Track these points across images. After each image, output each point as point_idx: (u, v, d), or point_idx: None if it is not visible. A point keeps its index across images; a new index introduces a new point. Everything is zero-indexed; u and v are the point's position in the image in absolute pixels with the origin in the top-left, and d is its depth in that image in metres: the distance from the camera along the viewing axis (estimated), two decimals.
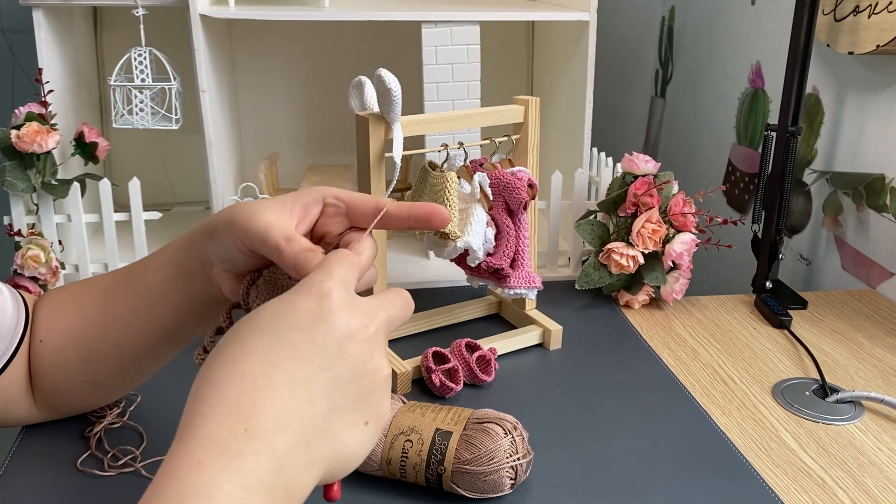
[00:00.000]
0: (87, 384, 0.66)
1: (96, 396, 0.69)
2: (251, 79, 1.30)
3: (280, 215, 0.51)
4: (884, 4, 0.94)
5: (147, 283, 0.61)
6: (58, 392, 0.67)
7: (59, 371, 0.65)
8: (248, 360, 0.41)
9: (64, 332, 0.64)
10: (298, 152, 1.35)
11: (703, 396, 0.79)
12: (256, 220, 0.51)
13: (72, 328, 0.64)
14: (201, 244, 0.56)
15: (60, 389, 0.66)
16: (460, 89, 1.06)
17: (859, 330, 0.94)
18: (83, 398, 0.68)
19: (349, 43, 1.31)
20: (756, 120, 1.33)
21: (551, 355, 0.87)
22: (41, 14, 0.99)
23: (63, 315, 0.65)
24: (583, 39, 1.07)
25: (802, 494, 0.65)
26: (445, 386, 0.77)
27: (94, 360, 0.64)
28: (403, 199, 1.18)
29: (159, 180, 1.31)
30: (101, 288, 0.65)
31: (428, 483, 0.62)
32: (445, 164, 0.82)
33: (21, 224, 0.97)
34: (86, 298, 0.65)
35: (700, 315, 0.97)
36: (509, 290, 0.82)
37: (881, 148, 1.04)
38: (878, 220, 1.04)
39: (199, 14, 0.98)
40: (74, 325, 0.64)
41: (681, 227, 0.95)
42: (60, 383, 0.66)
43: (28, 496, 0.62)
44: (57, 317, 0.65)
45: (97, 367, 0.64)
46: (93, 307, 0.64)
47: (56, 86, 1.02)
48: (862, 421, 0.75)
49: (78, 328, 0.64)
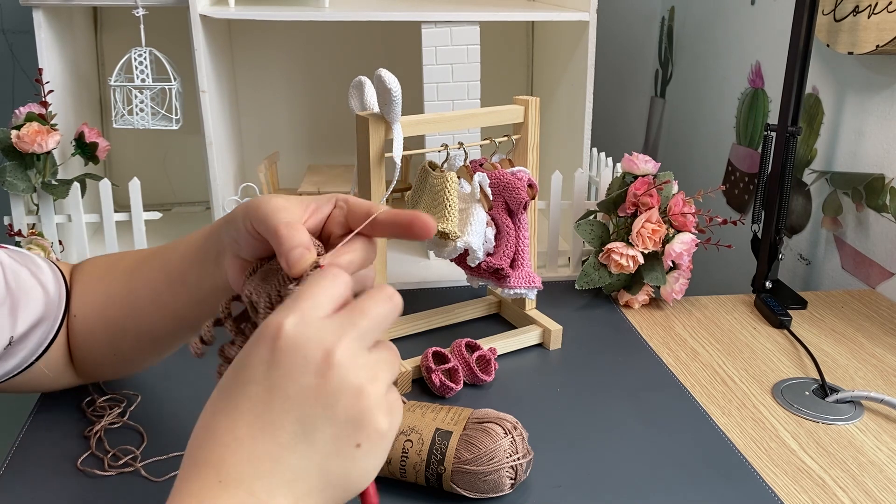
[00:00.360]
0: (115, 357, 0.69)
1: (125, 368, 0.73)
2: (251, 79, 1.30)
3: (294, 206, 0.53)
4: (883, 4, 0.94)
5: (169, 265, 0.63)
6: (90, 362, 0.70)
7: (90, 344, 0.68)
8: (214, 420, 0.43)
9: (94, 308, 0.67)
10: (298, 152, 1.35)
11: (703, 396, 0.79)
12: (270, 203, 0.52)
13: (101, 304, 0.67)
14: (221, 228, 0.58)
15: (93, 361, 0.70)
16: (460, 89, 1.06)
17: (859, 330, 0.94)
18: (113, 368, 0.72)
19: (349, 43, 1.31)
20: (756, 120, 1.33)
21: (551, 355, 0.87)
22: (41, 14, 0.99)
23: (94, 291, 0.68)
24: (582, 39, 1.08)
25: (802, 494, 0.65)
26: (445, 386, 0.77)
27: (119, 336, 0.67)
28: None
29: (159, 180, 1.31)
30: (128, 266, 0.67)
31: (428, 483, 0.62)
32: (445, 164, 0.82)
33: (21, 224, 0.97)
34: (114, 276, 0.68)
35: (700, 315, 0.97)
36: (509, 290, 0.82)
37: (881, 148, 1.04)
38: (878, 220, 1.04)
39: (199, 14, 0.98)
40: (103, 302, 0.67)
41: (680, 227, 0.95)
42: (93, 355, 0.69)
43: (28, 496, 0.63)
44: (89, 292, 0.68)
45: (122, 343, 0.67)
46: (120, 285, 0.67)
47: (56, 86, 1.02)
48: (862, 421, 0.75)
49: (106, 304, 0.67)
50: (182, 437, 0.69)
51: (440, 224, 0.76)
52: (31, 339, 0.65)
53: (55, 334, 0.67)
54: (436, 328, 0.91)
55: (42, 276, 0.66)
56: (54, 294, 0.66)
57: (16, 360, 0.65)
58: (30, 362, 0.66)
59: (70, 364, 0.70)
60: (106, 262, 0.70)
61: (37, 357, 0.66)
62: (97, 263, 0.70)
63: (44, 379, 0.69)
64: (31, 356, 0.66)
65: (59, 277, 0.68)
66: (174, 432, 0.71)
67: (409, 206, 0.82)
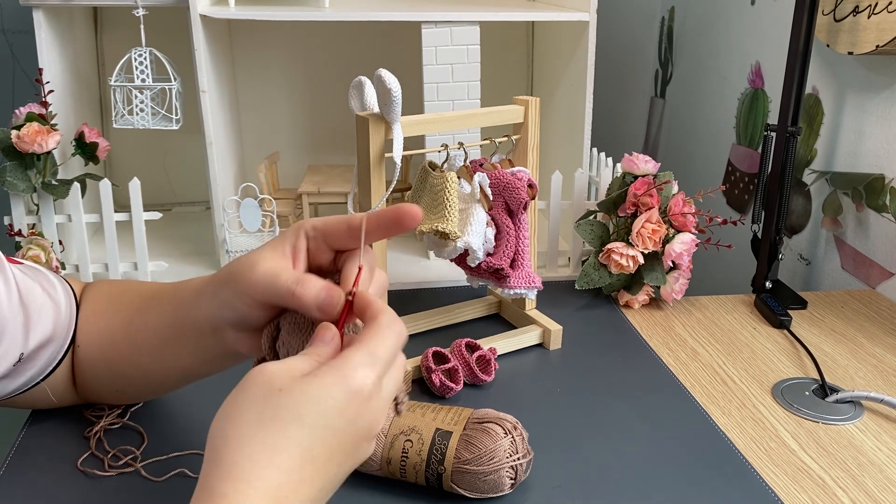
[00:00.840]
0: (117, 392, 0.69)
1: (126, 400, 0.72)
2: (251, 79, 1.30)
3: (278, 261, 0.51)
4: (883, 4, 0.94)
5: (162, 322, 0.61)
6: (92, 390, 0.69)
7: (92, 377, 0.67)
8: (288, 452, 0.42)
9: (96, 345, 0.65)
10: (298, 152, 1.35)
11: (703, 396, 0.79)
12: (257, 272, 0.50)
13: (103, 343, 0.65)
14: (206, 308, 0.56)
15: (94, 390, 0.69)
16: (460, 89, 1.06)
17: (859, 330, 0.94)
18: (115, 399, 0.71)
19: (349, 43, 1.31)
20: (756, 120, 1.33)
21: (551, 355, 0.87)
22: (41, 14, 0.99)
23: (96, 326, 0.66)
24: (582, 39, 1.08)
25: (802, 494, 0.65)
26: (445, 386, 0.77)
27: (120, 376, 0.66)
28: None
29: (159, 180, 1.31)
30: (129, 310, 0.65)
31: (428, 483, 0.62)
32: (445, 165, 0.82)
33: (21, 224, 0.97)
34: (116, 316, 0.65)
35: (700, 315, 0.97)
36: (509, 290, 0.82)
37: (881, 148, 1.04)
38: (878, 220, 1.04)
39: (199, 14, 0.98)
40: (106, 341, 0.65)
41: (680, 227, 0.95)
42: (94, 386, 0.68)
43: (28, 496, 0.62)
44: (91, 326, 0.66)
45: (124, 384, 0.67)
46: (121, 330, 0.64)
47: (56, 86, 1.02)
48: (861, 421, 0.75)
49: (108, 345, 0.65)
50: (182, 438, 0.69)
51: (440, 224, 0.76)
52: (39, 359, 0.64)
53: (63, 356, 0.65)
54: (436, 328, 0.91)
55: (54, 293, 0.65)
56: (65, 313, 0.65)
57: (23, 379, 0.64)
58: (36, 382, 0.65)
59: (73, 387, 0.69)
60: (110, 292, 0.68)
61: (43, 377, 0.65)
62: (103, 291, 0.68)
63: (47, 398, 0.68)
64: (38, 375, 0.65)
65: (70, 296, 0.66)
66: (174, 433, 0.70)
67: None
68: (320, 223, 0.52)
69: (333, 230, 0.52)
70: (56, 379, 0.66)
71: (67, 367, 0.67)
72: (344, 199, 1.15)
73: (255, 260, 0.51)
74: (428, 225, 0.77)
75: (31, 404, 0.69)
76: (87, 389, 0.69)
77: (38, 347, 0.63)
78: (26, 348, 0.62)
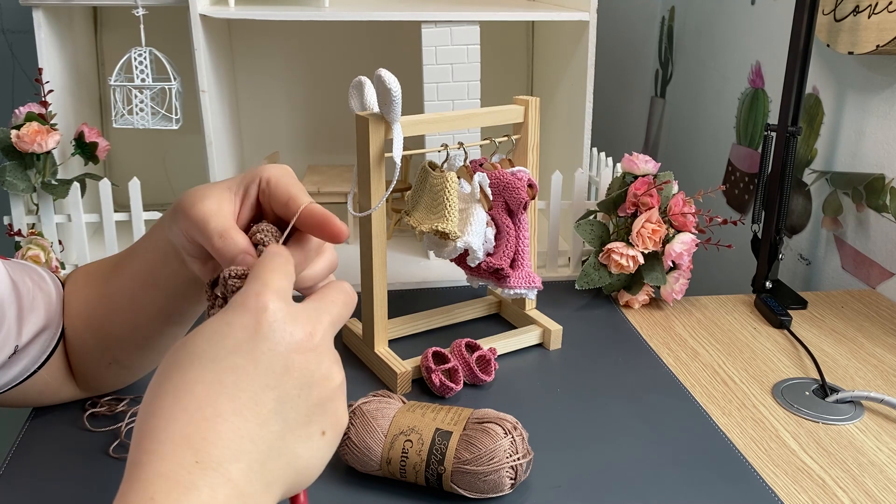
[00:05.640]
0: (112, 365, 0.69)
1: (125, 375, 0.72)
2: (251, 79, 1.30)
3: (221, 203, 0.51)
4: (884, 4, 0.94)
5: (137, 265, 0.63)
6: (89, 373, 0.70)
7: (84, 354, 0.68)
8: (190, 393, 0.40)
9: (80, 318, 0.67)
10: (298, 152, 1.35)
11: (703, 396, 0.79)
12: (195, 210, 0.51)
13: (85, 314, 0.66)
14: (167, 235, 0.57)
15: (90, 371, 0.69)
16: (460, 89, 1.06)
17: (859, 330, 0.94)
18: (113, 377, 0.71)
19: (349, 43, 1.31)
20: (756, 120, 1.33)
21: (551, 355, 0.87)
22: (41, 14, 0.99)
23: (77, 300, 0.67)
24: (583, 39, 1.07)
25: (802, 494, 0.65)
26: (445, 386, 0.77)
27: (108, 342, 0.66)
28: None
29: (159, 180, 1.31)
30: (104, 272, 0.67)
31: (428, 483, 0.62)
32: (445, 164, 0.82)
33: (21, 224, 0.97)
34: (93, 284, 0.67)
35: (700, 315, 0.97)
36: (509, 290, 0.82)
37: (881, 148, 1.04)
38: (878, 220, 1.04)
39: (199, 14, 0.98)
40: (86, 310, 0.66)
41: (681, 227, 0.95)
42: (89, 366, 0.69)
43: (28, 496, 0.62)
44: (73, 302, 0.67)
45: (114, 349, 0.67)
46: (98, 292, 0.66)
47: (56, 86, 1.02)
48: (862, 421, 0.75)
49: (88, 313, 0.66)
50: None
51: (440, 224, 0.76)
52: (34, 347, 0.64)
53: (56, 342, 0.66)
54: (436, 328, 0.91)
55: (44, 284, 0.66)
56: (56, 302, 0.66)
57: (19, 368, 0.64)
58: (32, 370, 0.65)
59: (70, 375, 0.70)
60: (88, 270, 0.69)
61: (39, 365, 0.65)
62: (80, 272, 0.70)
63: (45, 389, 0.68)
64: (33, 364, 0.65)
65: (58, 286, 0.68)
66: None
67: (408, 206, 0.82)
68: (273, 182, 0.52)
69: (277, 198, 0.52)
70: (52, 367, 0.67)
71: (62, 355, 0.67)
72: (344, 199, 1.15)
73: (200, 196, 0.51)
74: (428, 225, 0.77)
75: (25, 400, 0.69)
76: (84, 373, 0.69)
77: (33, 338, 0.64)
78: (20, 340, 0.62)
